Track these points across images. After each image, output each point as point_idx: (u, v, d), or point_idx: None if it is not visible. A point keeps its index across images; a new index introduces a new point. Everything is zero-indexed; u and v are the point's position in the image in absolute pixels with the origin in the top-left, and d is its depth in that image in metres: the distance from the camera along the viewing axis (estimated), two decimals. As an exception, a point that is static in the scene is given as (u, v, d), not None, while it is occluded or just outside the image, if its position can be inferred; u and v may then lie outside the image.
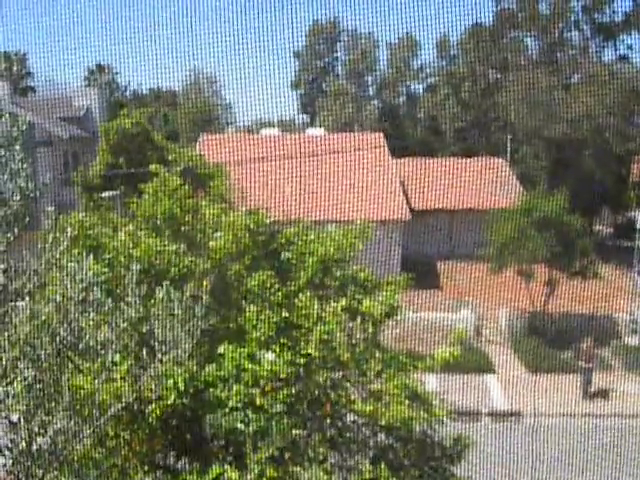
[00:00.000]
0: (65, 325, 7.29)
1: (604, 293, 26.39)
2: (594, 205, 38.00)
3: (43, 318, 7.21)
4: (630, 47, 41.53)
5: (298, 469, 9.05)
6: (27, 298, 7.37)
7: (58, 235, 7.89)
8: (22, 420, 7.21)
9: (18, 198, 7.61)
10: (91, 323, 7.61)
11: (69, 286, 7.38)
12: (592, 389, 22.43)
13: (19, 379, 7.19)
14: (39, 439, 7.24)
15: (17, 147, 7.73)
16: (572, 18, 41.17)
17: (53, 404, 7.42)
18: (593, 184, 36.36)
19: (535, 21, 40.56)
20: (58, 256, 7.67)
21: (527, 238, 25.26)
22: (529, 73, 39.38)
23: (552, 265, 25.94)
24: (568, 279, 25.89)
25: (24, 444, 7.15)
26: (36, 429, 7.26)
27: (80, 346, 7.48)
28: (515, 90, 39.50)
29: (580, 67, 40.64)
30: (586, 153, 37.84)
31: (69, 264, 7.48)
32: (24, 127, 7.82)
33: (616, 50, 41.76)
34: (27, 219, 7.74)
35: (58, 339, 7.29)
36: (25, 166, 7.65)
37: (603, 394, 22.29)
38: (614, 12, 40.49)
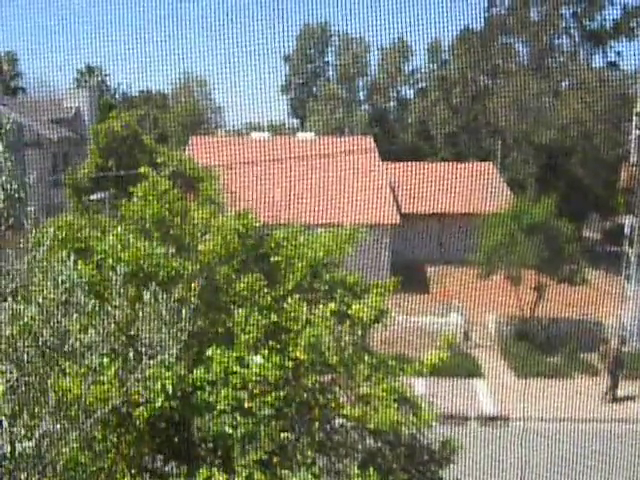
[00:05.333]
0: (48, 327, 7.21)
1: (592, 298, 26.49)
2: (583, 211, 38.16)
3: (26, 319, 7.12)
4: (619, 54, 41.86)
5: (286, 473, 9.03)
6: (10, 299, 7.28)
7: (40, 236, 7.80)
8: (5, 423, 7.12)
9: (2, 198, 7.51)
10: (77, 326, 7.55)
11: (52, 288, 7.30)
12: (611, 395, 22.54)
13: (1, 381, 7.11)
14: (23, 443, 7.15)
15: (0, 146, 7.62)
16: (562, 24, 41.41)
17: (37, 407, 7.34)
18: (582, 190, 36.54)
19: (525, 27, 40.74)
20: (40, 257, 7.59)
21: (516, 243, 25.35)
22: (519, 79, 39.53)
23: (541, 270, 26.03)
24: (557, 284, 25.99)
25: (8, 448, 7.06)
26: (21, 432, 7.18)
27: (65, 348, 7.41)
28: (505, 95, 39.65)
29: (570, 73, 40.85)
30: (575, 159, 38.03)
31: (53, 265, 7.41)
32: (8, 126, 7.71)
33: (605, 56, 42.07)
34: (11, 219, 7.64)
35: (41, 341, 7.21)
36: (9, 164, 7.53)
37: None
38: (604, 19, 40.81)
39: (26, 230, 7.98)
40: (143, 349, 8.31)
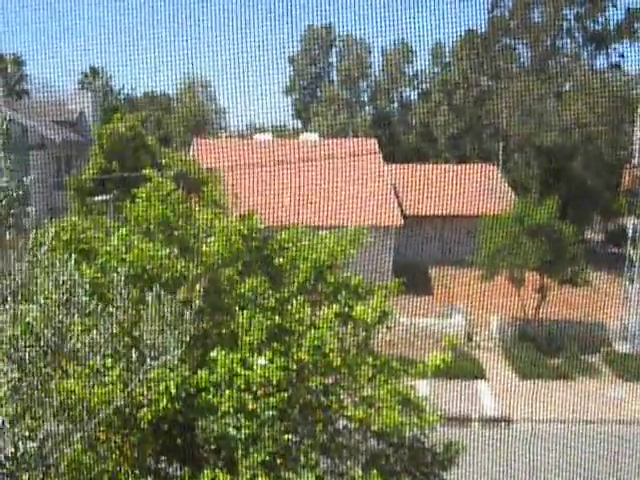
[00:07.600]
0: (50, 327, 7.21)
1: (595, 300, 26.50)
2: (585, 212, 38.15)
3: (27, 320, 7.12)
4: (622, 55, 41.82)
5: (290, 474, 9.05)
6: (10, 299, 7.29)
7: (40, 236, 7.79)
8: (7, 424, 7.12)
9: (1, 197, 7.50)
10: (80, 327, 7.55)
11: (53, 288, 7.30)
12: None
13: (4, 381, 7.11)
14: (26, 443, 7.15)
15: None
16: (564, 26, 41.41)
17: (40, 408, 7.34)
18: (584, 191, 36.54)
19: (528, 29, 40.76)
20: (41, 258, 7.59)
21: (519, 245, 25.35)
22: (521, 81, 39.55)
23: (543, 272, 26.03)
24: (559, 286, 25.99)
25: (11, 449, 7.07)
26: (24, 433, 7.18)
27: (67, 349, 7.41)
28: (507, 98, 39.65)
29: (572, 75, 40.84)
30: (577, 161, 38.03)
31: (55, 267, 7.41)
32: (5, 126, 7.69)
33: (608, 58, 42.05)
34: (11, 220, 7.64)
35: (43, 341, 7.21)
36: (8, 164, 7.52)
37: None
38: (607, 20, 40.78)
39: (27, 230, 7.99)
40: (146, 350, 8.33)
